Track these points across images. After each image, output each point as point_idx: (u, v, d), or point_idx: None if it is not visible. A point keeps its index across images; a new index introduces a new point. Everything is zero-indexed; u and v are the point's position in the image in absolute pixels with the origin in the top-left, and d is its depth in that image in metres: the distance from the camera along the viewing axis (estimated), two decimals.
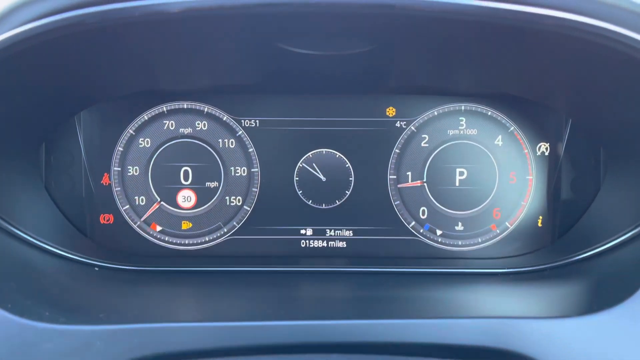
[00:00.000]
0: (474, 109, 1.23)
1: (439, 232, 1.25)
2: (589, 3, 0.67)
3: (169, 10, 0.70)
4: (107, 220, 1.23)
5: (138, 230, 1.24)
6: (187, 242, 1.25)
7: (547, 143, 1.23)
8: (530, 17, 0.65)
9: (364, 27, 0.76)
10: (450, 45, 0.87)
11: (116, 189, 1.23)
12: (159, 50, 0.95)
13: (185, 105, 1.23)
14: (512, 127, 1.23)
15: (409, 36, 0.81)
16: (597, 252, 1.07)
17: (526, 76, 1.04)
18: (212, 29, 0.81)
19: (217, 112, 1.23)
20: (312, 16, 0.70)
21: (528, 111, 1.22)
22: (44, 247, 1.07)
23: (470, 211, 1.24)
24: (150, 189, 1.23)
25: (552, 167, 1.23)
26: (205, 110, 1.23)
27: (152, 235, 1.24)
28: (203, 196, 1.24)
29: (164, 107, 1.22)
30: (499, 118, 1.23)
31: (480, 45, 0.86)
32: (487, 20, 0.66)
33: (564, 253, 1.13)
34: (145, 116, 1.22)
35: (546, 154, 1.23)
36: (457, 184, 1.24)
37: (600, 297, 0.90)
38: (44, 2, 0.74)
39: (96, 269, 1.11)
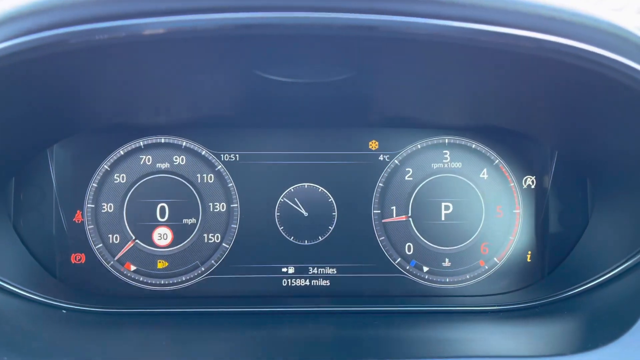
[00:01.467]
0: (458, 142, 1.21)
1: (425, 269, 1.21)
2: (569, 26, 0.66)
3: (153, 30, 0.67)
4: (79, 260, 1.17)
5: (111, 270, 1.18)
6: (162, 282, 1.19)
7: (533, 176, 1.21)
8: (511, 39, 0.64)
9: (344, 52, 0.74)
10: (432, 72, 0.85)
11: (89, 227, 1.18)
12: (135, 79, 0.92)
13: (162, 139, 1.19)
14: (497, 160, 1.21)
15: (390, 63, 0.80)
16: (588, 287, 1.05)
17: (511, 106, 1.03)
18: (189, 55, 0.79)
19: (195, 146, 1.20)
20: (290, 39, 0.68)
21: (513, 144, 1.21)
22: (8, 289, 1.01)
23: (457, 247, 1.21)
24: (125, 227, 1.18)
25: (540, 201, 1.20)
26: (184, 144, 1.20)
27: (126, 276, 1.19)
28: (180, 234, 1.19)
29: (141, 142, 1.19)
30: (483, 151, 1.21)
31: (463, 73, 0.85)
32: (467, 42, 0.64)
33: (555, 289, 1.10)
34: (121, 151, 1.19)
35: (532, 187, 1.21)
36: (442, 218, 1.21)
37: (594, 334, 0.86)
38: (19, 21, 0.70)
39: (64, 311, 1.05)
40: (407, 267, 1.21)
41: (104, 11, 0.67)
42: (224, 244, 1.20)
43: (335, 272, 1.21)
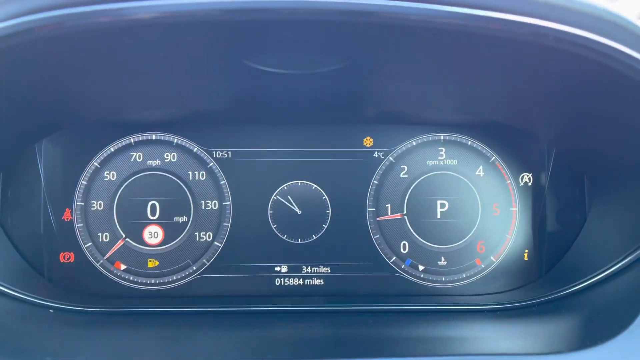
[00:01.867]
0: (453, 138, 1.20)
1: (421, 268, 1.19)
2: (566, 12, 0.65)
3: (148, 13, 0.64)
4: (67, 259, 1.15)
5: (101, 269, 1.16)
6: (153, 281, 1.17)
7: (529, 173, 1.19)
8: (505, 24, 0.62)
9: (337, 39, 0.72)
10: (428, 64, 0.84)
11: (78, 225, 1.16)
12: (126, 73, 0.90)
13: (153, 136, 1.17)
14: (493, 157, 1.19)
15: (384, 53, 0.78)
16: (586, 285, 1.03)
17: (508, 101, 1.01)
18: (181, 45, 0.77)
19: (187, 143, 1.18)
20: (282, 26, 0.66)
21: (509, 140, 1.19)
22: None
23: (453, 245, 1.19)
24: (115, 225, 1.16)
25: (537, 198, 1.19)
26: (175, 141, 1.18)
27: (115, 275, 1.16)
28: (171, 232, 1.17)
29: (132, 139, 1.17)
30: (479, 148, 1.20)
31: (459, 65, 0.83)
32: (460, 28, 0.63)
33: (553, 287, 1.09)
34: (112, 148, 1.17)
35: (529, 184, 1.19)
36: (438, 216, 1.19)
37: (592, 332, 0.85)
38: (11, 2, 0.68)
39: (51, 310, 1.03)
40: (402, 266, 1.19)
41: None
42: (215, 243, 1.18)
43: (329, 271, 1.19)
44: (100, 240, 1.16)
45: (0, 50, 0.69)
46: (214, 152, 1.18)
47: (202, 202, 1.18)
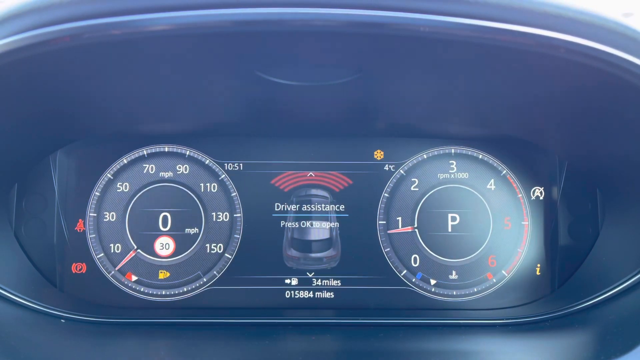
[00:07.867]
0: (464, 152, 1.20)
1: (432, 282, 1.18)
2: (576, 24, 0.65)
3: (164, 25, 0.66)
4: (79, 270, 1.16)
5: (112, 280, 1.17)
6: (164, 292, 1.17)
7: (541, 187, 1.19)
8: (517, 36, 0.62)
9: (349, 51, 0.73)
10: (440, 77, 0.84)
11: (91, 236, 1.17)
12: (140, 86, 0.92)
13: (166, 148, 1.19)
14: (505, 171, 1.19)
15: (397, 65, 0.79)
16: (600, 300, 1.02)
17: (520, 114, 1.01)
18: (194, 58, 0.78)
19: (199, 155, 1.19)
20: (295, 37, 0.67)
21: (520, 154, 1.19)
22: (7, 297, 0.99)
23: (465, 259, 1.18)
24: (127, 236, 1.17)
25: (549, 212, 1.18)
26: (187, 153, 1.19)
27: (126, 286, 1.17)
28: (182, 243, 1.17)
29: (144, 151, 1.18)
30: (490, 161, 1.19)
31: (472, 77, 0.84)
32: (474, 41, 0.63)
33: (565, 302, 1.07)
34: (125, 159, 1.18)
35: (541, 198, 1.19)
36: (449, 229, 1.19)
37: (607, 347, 0.84)
38: (28, 15, 0.69)
39: (62, 320, 1.03)
40: (413, 280, 1.18)
41: (115, 6, 0.66)
42: (226, 255, 1.18)
43: (340, 284, 1.18)
44: (112, 251, 1.17)
45: (15, 62, 0.70)
46: (226, 164, 1.19)
47: (214, 213, 1.18)
